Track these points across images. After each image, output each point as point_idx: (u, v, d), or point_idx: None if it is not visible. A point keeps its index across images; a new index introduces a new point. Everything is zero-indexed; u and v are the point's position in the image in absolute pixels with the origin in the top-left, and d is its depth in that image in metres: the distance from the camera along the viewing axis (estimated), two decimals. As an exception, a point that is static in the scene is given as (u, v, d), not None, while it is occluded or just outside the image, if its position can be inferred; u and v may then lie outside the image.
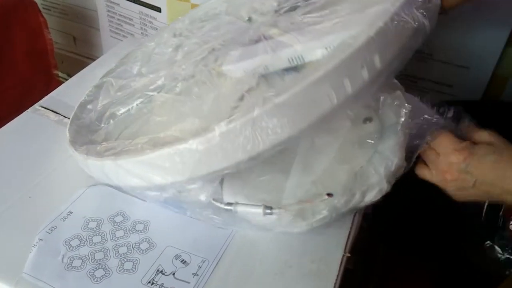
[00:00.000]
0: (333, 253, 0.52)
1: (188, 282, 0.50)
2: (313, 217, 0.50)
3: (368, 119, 0.54)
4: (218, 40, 0.64)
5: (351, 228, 0.55)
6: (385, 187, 0.51)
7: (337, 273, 0.50)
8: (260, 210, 0.49)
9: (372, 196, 0.51)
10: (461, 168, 0.49)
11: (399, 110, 0.52)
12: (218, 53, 0.59)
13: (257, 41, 0.56)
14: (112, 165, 0.50)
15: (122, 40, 1.15)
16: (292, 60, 0.50)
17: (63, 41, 1.33)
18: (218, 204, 0.51)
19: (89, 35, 1.27)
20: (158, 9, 1.04)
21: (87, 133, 0.62)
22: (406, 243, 0.67)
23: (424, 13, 0.47)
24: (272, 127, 0.41)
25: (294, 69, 0.51)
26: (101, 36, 1.22)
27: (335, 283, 0.49)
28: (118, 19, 1.15)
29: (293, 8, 0.63)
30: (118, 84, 0.69)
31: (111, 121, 0.63)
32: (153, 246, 0.53)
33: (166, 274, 0.50)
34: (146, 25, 1.10)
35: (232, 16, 0.71)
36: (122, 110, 0.64)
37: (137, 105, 0.63)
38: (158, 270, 0.51)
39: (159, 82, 0.64)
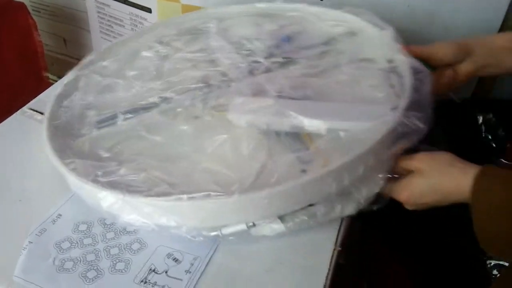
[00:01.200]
0: (324, 247, 0.52)
1: (181, 279, 0.50)
2: (292, 221, 0.51)
3: None
4: (212, 67, 0.69)
5: (341, 222, 0.55)
6: (363, 204, 0.52)
7: (329, 267, 0.51)
8: (244, 226, 0.51)
9: (350, 211, 0.52)
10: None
11: None
12: (219, 92, 0.64)
13: (257, 94, 0.60)
14: (117, 199, 0.50)
15: (112, 41, 1.15)
16: (294, 127, 0.55)
17: (53, 43, 1.32)
18: (205, 233, 0.52)
19: (80, 36, 1.27)
20: (148, 10, 1.04)
21: (65, 137, 0.61)
22: (398, 239, 0.67)
23: (422, 119, 0.52)
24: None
25: (293, 133, 0.55)
26: (91, 38, 1.22)
27: (326, 277, 0.50)
28: (108, 20, 1.15)
29: (288, 62, 0.67)
30: (100, 83, 0.69)
31: (94, 130, 0.62)
32: (145, 246, 0.53)
33: (158, 272, 0.51)
34: (136, 26, 1.09)
35: (222, 39, 0.74)
36: (105, 118, 0.63)
37: (125, 119, 0.62)
38: (150, 269, 0.51)
39: (151, 100, 0.64)
